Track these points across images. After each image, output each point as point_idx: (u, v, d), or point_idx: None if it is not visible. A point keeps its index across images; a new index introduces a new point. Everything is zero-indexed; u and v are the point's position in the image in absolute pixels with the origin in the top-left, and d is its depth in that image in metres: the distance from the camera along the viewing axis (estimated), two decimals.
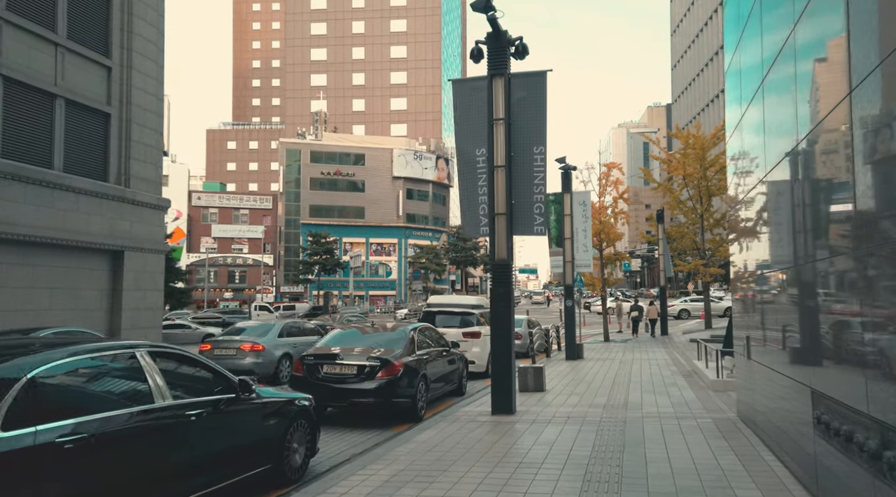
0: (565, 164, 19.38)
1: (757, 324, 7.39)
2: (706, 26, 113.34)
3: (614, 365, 17.07)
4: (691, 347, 22.43)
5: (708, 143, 27.55)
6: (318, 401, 9.99)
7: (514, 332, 21.35)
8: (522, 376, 12.08)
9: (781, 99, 5.91)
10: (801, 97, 5.22)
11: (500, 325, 9.53)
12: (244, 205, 77.90)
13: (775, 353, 6.41)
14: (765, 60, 6.51)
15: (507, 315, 9.49)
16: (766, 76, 6.48)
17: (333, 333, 10.91)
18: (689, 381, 13.21)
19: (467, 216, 10.07)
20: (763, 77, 6.58)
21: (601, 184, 26.94)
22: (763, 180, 6.72)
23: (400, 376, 9.59)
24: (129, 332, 20.60)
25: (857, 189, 3.88)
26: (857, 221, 3.92)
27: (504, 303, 9.50)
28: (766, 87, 6.52)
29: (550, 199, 20.14)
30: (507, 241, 9.55)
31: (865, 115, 3.73)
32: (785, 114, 5.81)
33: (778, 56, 5.91)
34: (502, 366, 9.50)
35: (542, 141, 9.75)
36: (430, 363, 10.82)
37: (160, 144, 23.45)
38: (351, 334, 10.81)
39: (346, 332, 10.90)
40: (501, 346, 9.54)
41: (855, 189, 3.91)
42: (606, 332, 26.98)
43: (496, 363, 9.58)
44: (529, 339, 18.66)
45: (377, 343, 10.31)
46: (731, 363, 11.83)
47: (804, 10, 4.95)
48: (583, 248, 19.88)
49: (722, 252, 28.40)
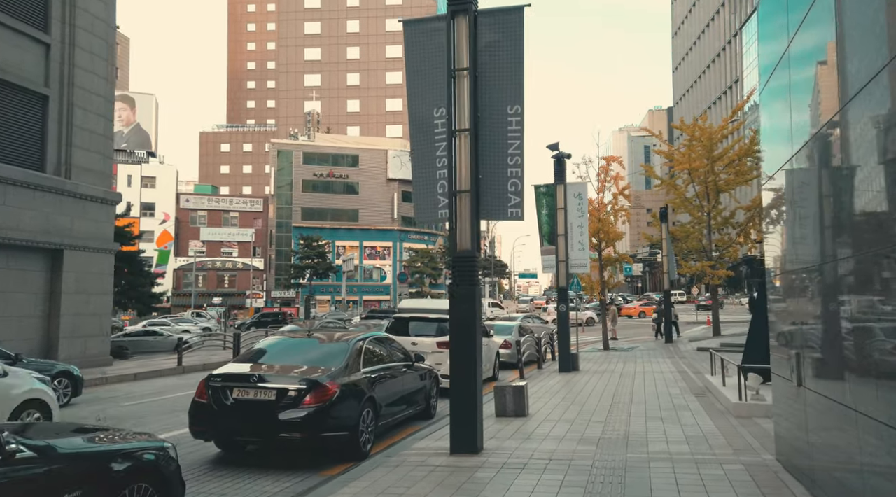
0: (559, 151, 17.19)
1: (816, 339, 5.16)
2: (708, 27, 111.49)
3: (613, 379, 14.83)
4: (700, 358, 20.18)
5: (716, 134, 25.32)
6: (226, 436, 7.86)
7: (502, 340, 19.21)
8: (500, 397, 9.85)
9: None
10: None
11: (461, 336, 7.29)
12: (234, 207, 75.70)
13: (859, 386, 4.18)
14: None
15: (470, 322, 7.26)
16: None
17: (256, 346, 8.70)
18: (702, 402, 10.96)
19: (421, 196, 7.87)
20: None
21: (600, 179, 24.75)
22: (832, 125, 4.52)
23: (334, 402, 7.36)
24: (70, 342, 18.38)
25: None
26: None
27: (467, 306, 7.27)
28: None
29: (542, 191, 17.94)
30: (473, 226, 7.34)
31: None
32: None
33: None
34: (464, 390, 7.27)
35: (517, 98, 7.55)
36: (382, 383, 8.61)
37: (109, 132, 21.20)
38: (278, 348, 8.58)
39: (272, 345, 8.65)
40: (463, 363, 7.30)
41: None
42: (606, 340, 24.71)
43: (455, 386, 7.34)
44: (517, 348, 16.45)
45: (309, 359, 8.09)
46: (757, 382, 9.59)
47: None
48: (578, 246, 17.66)
49: (732, 252, 26.15)
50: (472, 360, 7.22)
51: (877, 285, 3.86)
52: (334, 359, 8.04)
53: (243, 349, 20.40)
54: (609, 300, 42.57)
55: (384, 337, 9.88)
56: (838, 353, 4.58)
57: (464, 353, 7.25)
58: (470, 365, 7.23)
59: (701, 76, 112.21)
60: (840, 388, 4.50)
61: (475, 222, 7.33)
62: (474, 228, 7.32)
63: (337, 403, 7.43)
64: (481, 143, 7.56)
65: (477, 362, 7.25)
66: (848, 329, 4.38)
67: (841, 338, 4.52)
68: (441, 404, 11.59)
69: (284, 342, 8.77)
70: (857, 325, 4.20)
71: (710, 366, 13.50)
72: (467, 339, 7.24)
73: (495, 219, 7.64)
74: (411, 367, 9.90)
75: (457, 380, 7.28)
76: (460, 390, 7.26)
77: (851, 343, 4.30)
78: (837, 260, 4.51)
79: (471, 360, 7.22)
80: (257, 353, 8.38)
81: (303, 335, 8.81)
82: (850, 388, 4.30)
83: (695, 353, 21.78)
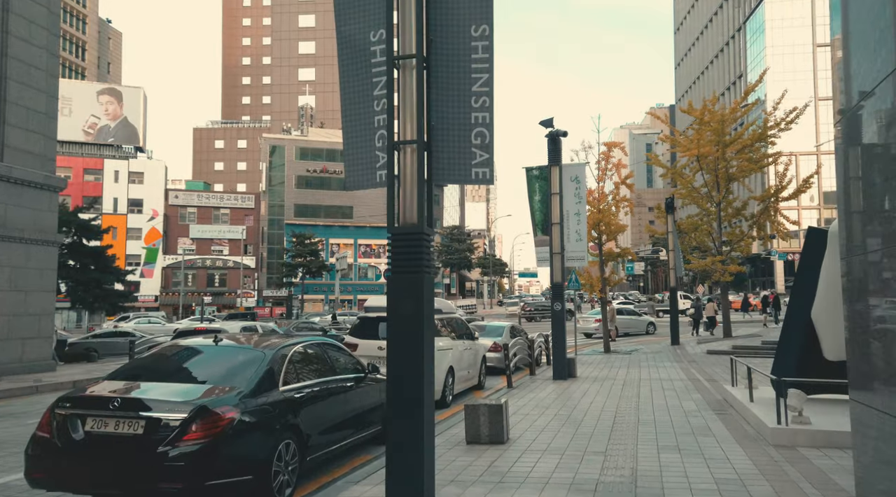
0: (553, 128, 15.10)
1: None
2: (711, 23, 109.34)
3: (615, 388, 12.75)
4: (711, 362, 18.11)
5: (728, 117, 23.20)
6: (74, 486, 5.23)
7: (491, 342, 17.12)
8: (472, 419, 7.76)
9: None
10: None
11: (400, 348, 5.18)
12: (225, 204, 73.58)
13: None
14: None
15: (414, 326, 5.14)
16: None
17: (144, 357, 6.61)
18: (726, 421, 8.87)
19: (353, 152, 5.78)
20: None
21: (600, 167, 22.65)
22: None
23: (231, 435, 5.29)
24: (3, 345, 16.31)
25: None
26: None
27: (411, 303, 5.16)
28: None
29: (534, 174, 15.86)
30: (421, 190, 5.24)
31: None
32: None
33: None
34: (404, 431, 5.14)
35: (485, 16, 5.48)
36: (315, 404, 6.55)
37: (53, 111, 19.02)
38: (169, 359, 6.49)
39: (161, 356, 6.56)
40: (402, 389, 5.17)
41: None
42: (607, 341, 22.63)
43: (395, 423, 5.21)
44: (505, 352, 14.38)
45: (208, 374, 6.01)
46: (800, 401, 7.50)
47: None
48: (575, 237, 15.58)
49: (745, 245, 24.03)
50: (416, 384, 5.09)
51: None
52: (242, 374, 5.96)
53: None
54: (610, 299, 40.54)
55: (326, 343, 7.79)
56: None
57: (404, 374, 5.14)
58: (413, 391, 5.10)
59: (704, 72, 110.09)
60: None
61: (424, 185, 5.24)
62: (423, 194, 5.22)
63: (236, 437, 5.36)
64: (435, 77, 5.48)
65: (424, 386, 5.13)
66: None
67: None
68: None
69: (180, 352, 6.67)
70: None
71: (731, 375, 11.40)
72: (410, 351, 5.12)
73: (454, 181, 5.56)
74: (362, 381, 7.83)
75: (396, 414, 5.17)
76: (400, 432, 5.14)
77: None
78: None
79: (414, 385, 5.10)
80: (138, 368, 6.31)
81: (208, 341, 6.74)
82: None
83: (705, 357, 19.71)
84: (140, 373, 6.10)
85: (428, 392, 5.19)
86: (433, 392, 5.33)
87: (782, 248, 73.62)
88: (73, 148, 69.36)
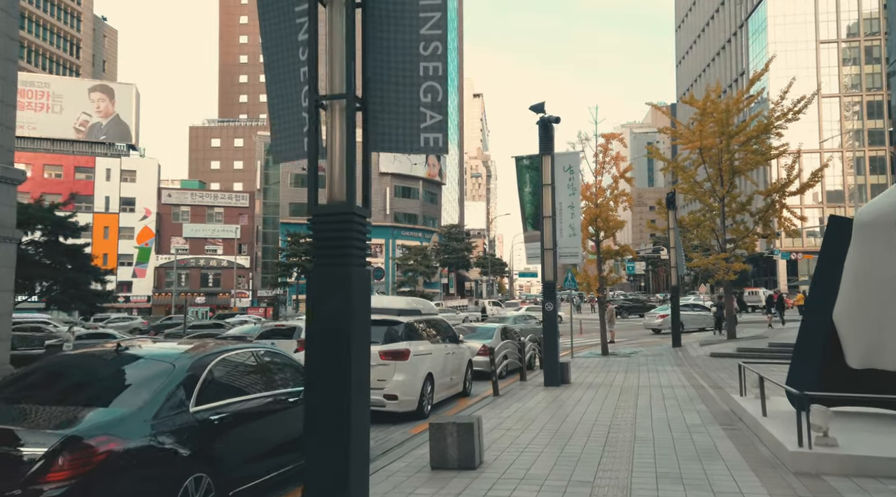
0: (544, 113, 13.95)
1: None
2: (713, 19, 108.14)
3: (611, 397, 11.59)
4: (715, 365, 16.95)
5: (732, 107, 22.00)
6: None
7: (480, 345, 15.97)
8: (438, 440, 6.58)
9: None
10: None
11: (322, 358, 4.01)
12: (218, 203, 72.36)
13: None
14: None
15: (341, 335, 3.97)
16: None
17: (23, 371, 5.45)
18: (736, 439, 7.70)
19: (278, 112, 4.62)
20: None
21: (598, 160, 21.48)
22: None
23: (109, 474, 4.15)
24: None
25: None
26: None
27: (337, 301, 4.00)
28: None
29: (524, 164, 14.69)
30: (351, 157, 4.08)
31: None
32: None
33: None
34: (326, 464, 3.98)
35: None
36: (239, 428, 5.38)
37: (11, 98, 17.78)
38: (51, 374, 5.31)
39: (44, 370, 5.38)
40: (323, 414, 3.99)
41: None
42: (605, 343, 21.45)
43: (310, 460, 4.04)
44: (491, 356, 13.20)
45: (95, 394, 4.86)
46: (825, 418, 6.33)
47: None
48: (569, 231, 14.41)
49: (749, 242, 22.84)
50: (339, 406, 3.92)
51: None
52: (140, 392, 4.80)
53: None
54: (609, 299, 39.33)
55: (267, 351, 6.63)
56: None
57: (325, 396, 3.97)
58: (337, 416, 3.93)
59: (706, 70, 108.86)
60: None
61: (354, 151, 4.07)
62: (353, 163, 4.06)
63: (119, 474, 4.21)
64: (371, 15, 4.32)
65: (352, 411, 3.95)
66: None
67: None
68: (372, 439, 8.40)
69: (70, 364, 5.49)
70: None
71: (739, 382, 10.22)
72: (333, 365, 3.96)
73: (398, 149, 4.40)
74: None
75: (311, 448, 4.00)
76: (319, 465, 3.98)
77: None
78: None
79: (337, 406, 3.93)
80: (14, 383, 5.14)
81: (110, 349, 5.57)
82: None
83: (708, 360, 18.54)
84: (12, 391, 4.94)
85: (358, 419, 4.03)
86: (366, 417, 4.16)
87: (785, 246, 72.43)
88: (64, 146, 68.23)
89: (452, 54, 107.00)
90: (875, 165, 79.30)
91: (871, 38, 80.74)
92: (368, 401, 4.18)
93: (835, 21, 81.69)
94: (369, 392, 4.19)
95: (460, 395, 12.79)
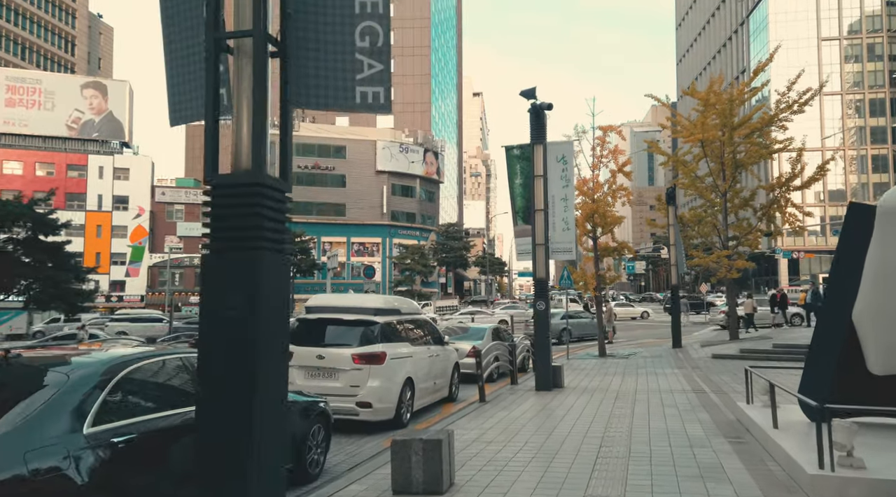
0: (535, 99, 13.05)
1: None
2: (713, 17, 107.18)
3: (606, 403, 10.70)
4: (718, 368, 16.06)
5: (736, 98, 21.09)
6: None
7: (470, 347, 15.07)
8: (401, 459, 5.68)
9: None
10: None
11: (222, 371, 3.11)
12: None
13: None
14: None
15: (245, 339, 3.08)
16: None
17: None
18: (743, 456, 6.80)
19: (175, 66, 3.72)
20: None
21: (595, 154, 20.60)
22: None
23: None
24: None
25: None
26: None
27: (241, 300, 3.10)
28: None
29: (514, 154, 13.79)
30: (260, 112, 3.18)
31: None
32: None
33: None
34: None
35: None
36: (152, 450, 4.47)
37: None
38: None
39: None
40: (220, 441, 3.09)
41: None
42: (602, 345, 20.57)
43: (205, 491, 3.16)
44: (477, 358, 12.29)
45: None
46: (850, 436, 5.43)
47: None
48: (562, 225, 13.51)
49: (753, 239, 21.94)
50: (240, 433, 3.02)
51: None
52: (17, 411, 3.90)
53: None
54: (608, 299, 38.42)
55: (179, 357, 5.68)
56: None
57: (225, 414, 3.08)
58: (237, 446, 3.03)
59: (706, 68, 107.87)
60: None
61: (264, 105, 3.18)
62: (263, 120, 3.17)
63: None
64: None
65: (253, 444, 3.05)
66: None
67: None
68: (341, 452, 7.51)
69: None
70: None
71: (746, 388, 9.31)
72: (234, 376, 3.06)
73: (328, 105, 3.50)
74: None
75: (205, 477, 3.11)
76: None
77: None
78: None
79: (238, 443, 3.03)
80: None
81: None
82: None
83: (710, 362, 17.65)
84: None
85: (266, 445, 3.14)
86: (278, 442, 3.27)
87: (787, 245, 71.44)
88: (56, 143, 67.26)
89: (451, 52, 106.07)
90: (877, 164, 78.39)
91: (874, 36, 79.85)
92: (282, 426, 3.28)
93: (837, 18, 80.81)
94: (283, 416, 3.28)
95: (446, 401, 11.95)
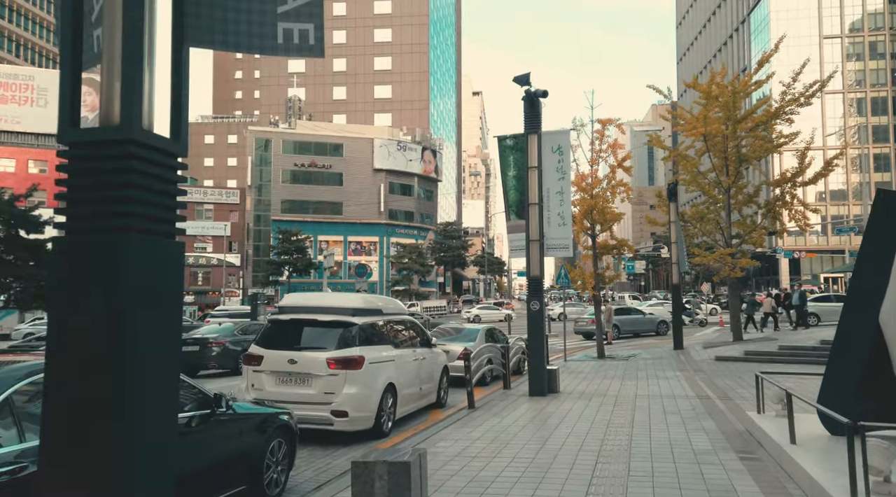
0: (530, 86, 12.27)
1: None
2: (714, 15, 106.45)
3: (604, 411, 9.93)
4: (722, 371, 15.29)
5: (740, 90, 20.32)
6: None
7: (461, 348, 14.26)
8: (362, 486, 4.90)
9: None
10: None
11: (77, 392, 2.32)
12: (208, 199, 70.61)
13: None
14: None
15: (109, 349, 2.30)
16: None
17: None
18: (757, 476, 6.02)
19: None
20: None
21: (593, 148, 19.83)
22: None
23: None
24: None
25: None
26: None
27: (101, 297, 2.32)
28: None
29: (507, 144, 13.00)
30: (130, 45, 2.40)
31: None
32: None
33: None
34: None
35: None
36: None
37: None
38: None
39: None
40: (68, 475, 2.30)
41: None
42: (601, 346, 19.80)
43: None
44: (466, 361, 11.52)
45: None
46: (888, 460, 4.65)
47: None
48: (557, 220, 12.73)
49: (757, 237, 21.17)
50: (94, 482, 2.24)
51: None
52: None
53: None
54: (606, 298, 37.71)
55: None
56: None
57: (75, 459, 2.29)
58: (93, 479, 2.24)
59: (707, 66, 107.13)
60: None
61: (136, 40, 2.40)
62: (134, 59, 2.39)
63: None
64: None
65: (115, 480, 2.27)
66: None
67: None
68: (311, 466, 6.71)
69: None
70: None
71: (757, 397, 8.52)
72: (90, 406, 2.28)
73: (240, 48, 2.73)
74: (207, 419, 5.04)
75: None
76: None
77: None
78: None
79: (92, 482, 2.24)
80: None
81: None
82: None
83: (714, 365, 16.88)
84: None
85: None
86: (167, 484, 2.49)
87: (788, 245, 70.63)
88: (50, 141, 66.43)
89: (450, 50, 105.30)
90: (879, 163, 77.61)
91: (876, 34, 79.08)
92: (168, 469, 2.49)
93: (839, 16, 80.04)
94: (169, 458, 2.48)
95: (434, 407, 11.18)
